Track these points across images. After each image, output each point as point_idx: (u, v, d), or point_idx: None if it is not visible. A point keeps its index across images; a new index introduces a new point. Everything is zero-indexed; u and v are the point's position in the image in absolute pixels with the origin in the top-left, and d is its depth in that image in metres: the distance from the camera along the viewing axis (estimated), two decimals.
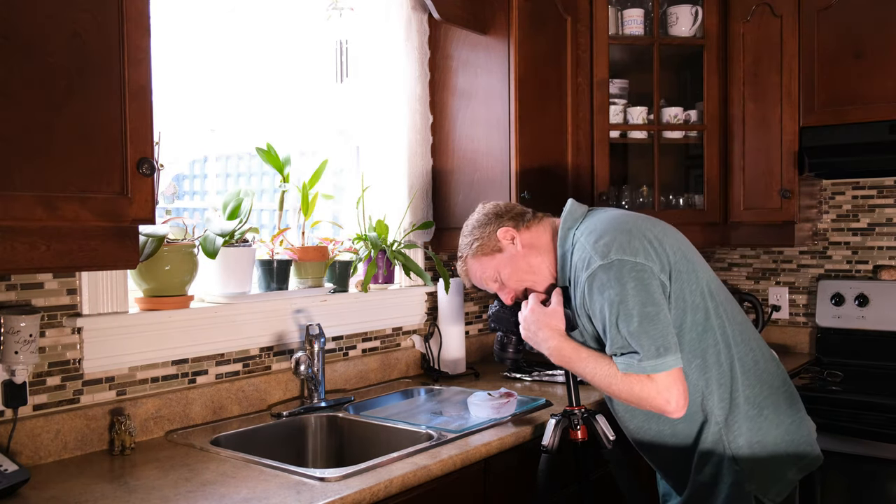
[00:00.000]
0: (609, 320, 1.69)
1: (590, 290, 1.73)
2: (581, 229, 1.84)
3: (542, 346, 1.85)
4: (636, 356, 1.66)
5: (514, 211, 1.96)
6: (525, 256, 1.91)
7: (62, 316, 1.82)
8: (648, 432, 1.88)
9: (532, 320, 1.86)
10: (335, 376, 2.47)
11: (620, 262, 1.70)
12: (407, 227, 2.64)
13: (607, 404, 1.99)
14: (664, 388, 1.65)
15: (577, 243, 1.82)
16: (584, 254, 1.77)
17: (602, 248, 1.73)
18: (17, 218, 1.32)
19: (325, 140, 2.64)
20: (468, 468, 1.83)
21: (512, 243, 1.91)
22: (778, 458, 1.82)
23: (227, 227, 2.08)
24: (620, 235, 1.75)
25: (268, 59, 2.44)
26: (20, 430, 1.72)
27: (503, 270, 1.92)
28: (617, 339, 1.69)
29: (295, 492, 1.54)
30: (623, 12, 2.97)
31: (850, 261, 3.19)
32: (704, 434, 1.81)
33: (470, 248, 1.95)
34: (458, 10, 2.56)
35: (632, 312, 1.67)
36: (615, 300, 1.68)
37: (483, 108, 2.65)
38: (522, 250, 1.90)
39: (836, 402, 2.59)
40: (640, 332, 1.66)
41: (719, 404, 1.79)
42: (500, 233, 1.91)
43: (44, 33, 1.34)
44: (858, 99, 2.71)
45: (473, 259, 1.96)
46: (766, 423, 1.81)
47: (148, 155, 1.48)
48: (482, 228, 1.95)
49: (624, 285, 1.69)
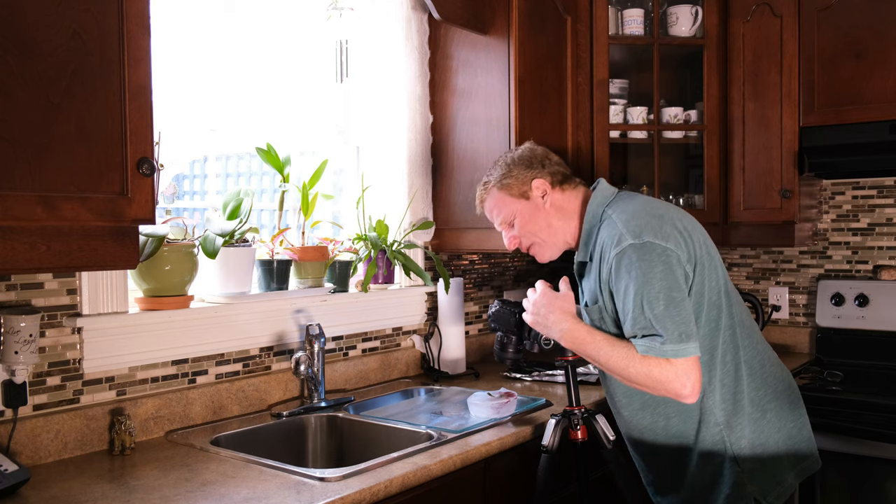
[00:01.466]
0: (634, 300, 1.68)
1: (617, 267, 1.72)
2: (613, 208, 1.84)
3: (553, 329, 1.81)
4: (658, 339, 1.65)
5: (557, 167, 1.95)
6: (547, 215, 1.91)
7: (62, 316, 1.82)
8: (641, 422, 1.87)
9: (542, 303, 1.83)
10: (335, 376, 2.47)
11: (651, 245, 1.70)
12: (407, 227, 2.64)
13: (606, 389, 1.97)
14: (682, 373, 1.64)
15: (608, 220, 1.81)
16: (614, 231, 1.76)
17: (634, 228, 1.73)
18: (17, 218, 1.32)
19: (324, 140, 2.64)
20: (468, 468, 1.83)
21: (541, 198, 1.90)
22: (779, 461, 1.82)
23: (227, 227, 2.08)
24: (653, 220, 1.75)
25: (268, 59, 2.44)
26: (20, 430, 1.72)
27: (520, 218, 1.92)
28: (640, 320, 1.68)
29: (295, 492, 1.54)
30: (623, 12, 2.97)
31: (850, 261, 3.19)
32: (703, 433, 1.80)
33: (499, 180, 1.94)
34: (458, 10, 2.56)
35: (658, 295, 1.67)
36: (642, 281, 1.68)
37: (483, 108, 2.65)
38: (548, 209, 1.90)
39: (836, 402, 2.59)
40: (665, 315, 1.66)
41: (721, 405, 1.79)
42: (535, 182, 1.90)
43: (44, 33, 1.34)
44: (858, 99, 2.71)
45: (497, 191, 1.94)
46: (768, 426, 1.82)
47: (148, 155, 1.48)
48: (520, 168, 1.92)
49: (652, 268, 1.69)
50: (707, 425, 1.80)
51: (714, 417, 1.79)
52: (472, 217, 2.69)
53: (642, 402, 1.85)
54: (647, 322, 1.67)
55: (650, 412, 1.85)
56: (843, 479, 2.57)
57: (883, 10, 2.67)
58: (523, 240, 1.95)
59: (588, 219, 1.88)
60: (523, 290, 3.32)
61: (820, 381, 2.80)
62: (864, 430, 2.52)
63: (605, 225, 1.82)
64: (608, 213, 1.83)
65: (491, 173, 1.98)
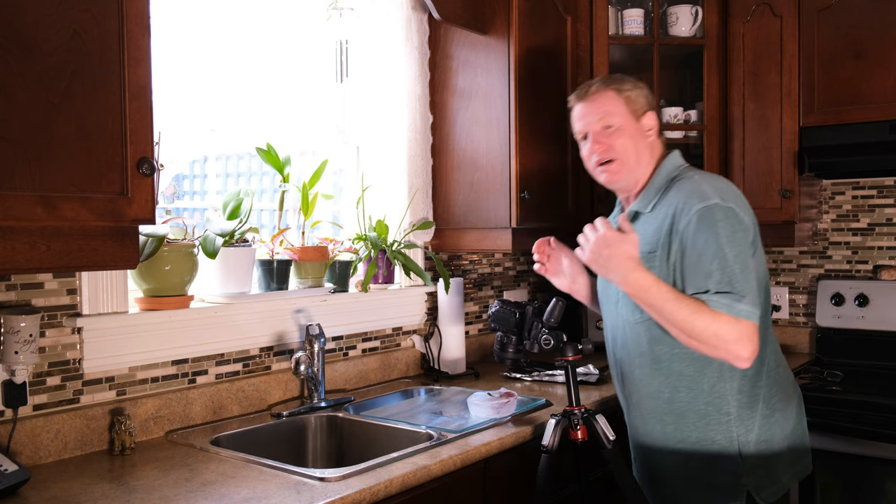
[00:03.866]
0: (715, 255, 1.69)
1: (699, 220, 1.73)
2: (693, 170, 1.88)
3: (615, 272, 1.75)
4: (734, 297, 1.66)
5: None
6: (641, 148, 1.90)
7: (62, 316, 1.82)
8: (648, 387, 1.87)
9: (605, 244, 1.75)
10: (335, 376, 2.47)
11: (734, 212, 1.74)
12: (407, 227, 2.64)
13: (616, 345, 1.96)
14: (746, 336, 1.65)
15: (687, 178, 1.84)
16: (699, 187, 1.78)
17: (720, 192, 1.77)
18: (17, 218, 1.32)
19: (324, 140, 2.64)
20: (468, 468, 1.83)
21: (647, 130, 1.92)
22: (778, 460, 1.83)
23: (227, 227, 2.08)
24: (735, 194, 1.80)
25: (268, 59, 2.44)
26: (20, 430, 1.72)
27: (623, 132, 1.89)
28: (717, 276, 1.68)
29: (295, 492, 1.54)
30: (623, 12, 2.97)
31: (850, 261, 3.19)
32: (709, 417, 1.80)
33: (623, 85, 1.92)
34: (458, 10, 2.56)
35: (738, 257, 1.70)
36: (725, 240, 1.70)
37: (483, 108, 2.65)
38: (649, 139, 1.92)
39: (836, 402, 2.59)
40: (742, 277, 1.68)
41: (736, 395, 1.79)
42: (651, 113, 1.92)
43: (44, 33, 1.34)
44: (858, 99, 2.71)
45: (615, 94, 1.91)
46: (775, 425, 1.83)
47: (148, 155, 1.48)
48: (645, 93, 1.94)
49: (735, 231, 1.72)
50: (717, 411, 1.80)
51: (726, 406, 1.79)
52: (472, 217, 2.69)
53: (656, 367, 1.84)
54: (726, 279, 1.68)
55: (660, 379, 1.85)
56: (843, 479, 2.57)
57: (883, 10, 2.67)
58: (610, 152, 1.90)
59: (662, 172, 1.89)
60: (523, 290, 3.32)
61: (820, 381, 2.79)
62: (863, 430, 2.51)
63: (683, 181, 1.84)
64: (688, 172, 1.87)
65: (616, 77, 1.94)
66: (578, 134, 1.98)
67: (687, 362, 1.81)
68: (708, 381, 1.80)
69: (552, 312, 1.98)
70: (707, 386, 1.80)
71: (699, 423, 1.82)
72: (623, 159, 1.90)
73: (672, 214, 1.78)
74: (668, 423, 1.86)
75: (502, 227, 2.62)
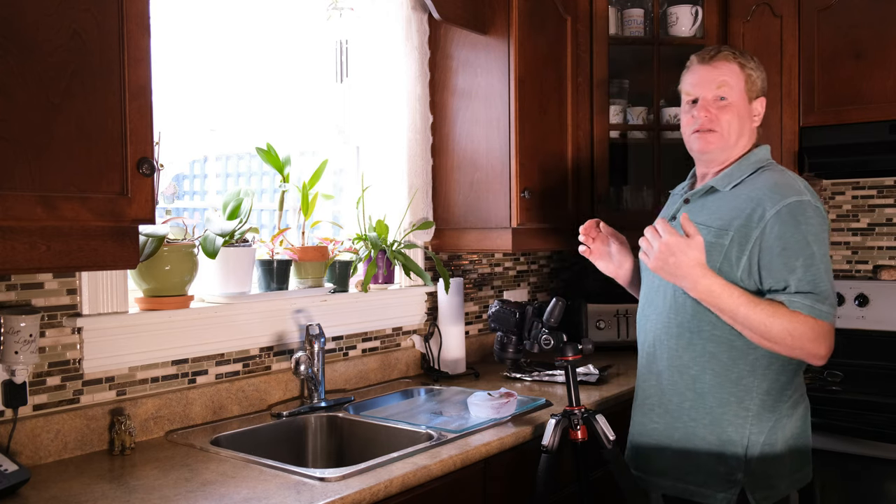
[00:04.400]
0: (802, 250, 1.69)
1: (790, 213, 1.72)
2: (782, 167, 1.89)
3: (685, 279, 1.72)
4: (815, 297, 1.67)
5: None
6: (746, 128, 1.90)
7: (62, 316, 1.82)
8: (677, 360, 1.86)
9: (671, 251, 1.70)
10: (335, 376, 2.47)
11: (822, 212, 1.77)
12: (407, 227, 2.64)
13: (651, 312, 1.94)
14: (823, 335, 1.67)
15: (777, 169, 1.86)
16: (791, 181, 1.79)
17: (810, 191, 1.78)
18: (17, 218, 1.32)
19: (324, 140, 2.64)
20: (468, 468, 1.83)
21: (756, 114, 1.92)
22: (778, 465, 1.82)
23: (227, 227, 2.08)
24: (817, 197, 1.80)
25: (268, 59, 2.44)
26: (20, 430, 1.72)
27: (735, 108, 1.88)
28: (799, 272, 1.69)
29: (295, 492, 1.54)
30: (623, 12, 2.97)
31: (850, 261, 3.19)
32: (725, 408, 1.79)
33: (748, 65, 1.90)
34: (458, 10, 2.56)
35: (824, 258, 1.72)
36: (812, 238, 1.71)
37: (483, 108, 2.65)
38: (754, 124, 1.93)
39: (836, 402, 2.59)
40: (826, 277, 1.69)
41: (762, 395, 1.79)
42: (762, 99, 1.93)
43: (44, 33, 1.34)
44: (858, 99, 2.71)
45: (740, 70, 1.89)
46: (780, 430, 1.81)
47: (148, 155, 1.48)
48: (765, 81, 1.94)
49: (823, 230, 1.74)
50: (738, 404, 1.79)
51: (748, 401, 1.79)
52: (472, 217, 2.69)
53: (692, 341, 1.83)
54: (809, 277, 1.68)
55: (692, 355, 1.83)
56: (843, 479, 2.57)
57: (883, 10, 2.67)
58: (714, 123, 1.88)
59: (752, 158, 1.89)
60: (523, 290, 3.32)
61: (820, 381, 2.79)
62: (864, 430, 2.51)
63: (773, 170, 1.85)
64: (777, 166, 1.88)
65: (745, 54, 1.93)
66: (687, 96, 1.95)
67: (724, 347, 1.79)
68: (738, 372, 1.79)
69: (552, 312, 1.98)
70: (735, 376, 1.80)
71: (717, 410, 1.81)
72: (724, 134, 1.88)
73: (758, 199, 1.77)
74: (687, 399, 1.85)
75: (502, 227, 2.62)
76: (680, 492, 1.87)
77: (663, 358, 1.89)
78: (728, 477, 1.80)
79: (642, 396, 1.98)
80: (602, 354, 2.88)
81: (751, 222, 1.76)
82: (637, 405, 2.01)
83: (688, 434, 1.85)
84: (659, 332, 1.91)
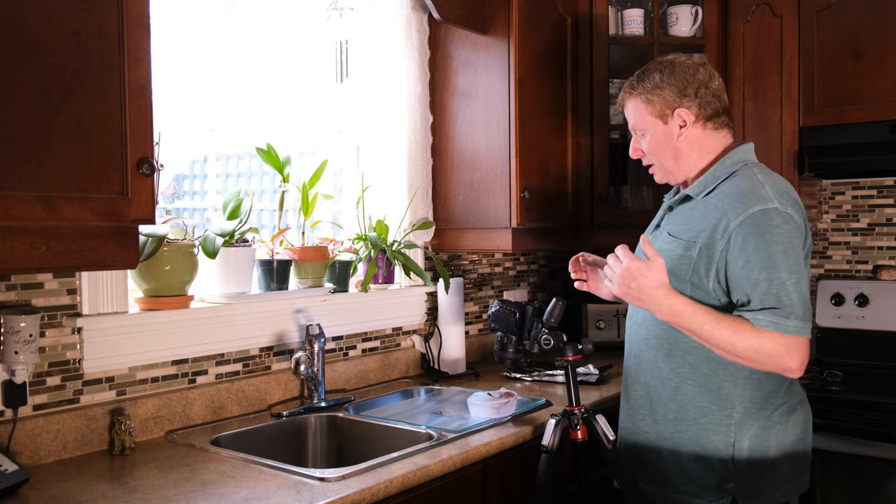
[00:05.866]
0: (766, 263, 1.63)
1: (754, 224, 1.65)
2: (758, 167, 1.80)
3: (649, 303, 1.70)
4: (780, 312, 1.61)
5: (712, 98, 1.83)
6: (678, 147, 1.84)
7: (62, 316, 1.82)
8: (658, 371, 1.84)
9: (633, 276, 1.69)
10: (335, 376, 2.47)
11: (792, 219, 1.68)
12: (407, 227, 2.64)
13: (633, 325, 1.93)
14: (794, 349, 1.61)
15: (748, 172, 1.76)
16: (757, 186, 1.71)
17: (780, 195, 1.70)
18: (17, 218, 1.32)
19: (324, 140, 2.64)
20: (468, 468, 1.83)
21: (679, 128, 1.83)
22: (772, 472, 1.79)
23: (227, 227, 2.08)
24: (794, 199, 1.73)
25: (268, 59, 2.44)
26: (20, 430, 1.72)
27: (651, 138, 1.86)
28: (763, 286, 1.62)
29: (295, 492, 1.54)
30: (623, 12, 2.97)
31: (850, 261, 3.19)
32: (710, 416, 1.78)
33: (647, 90, 1.85)
34: (458, 10, 2.56)
35: (793, 267, 1.63)
36: (777, 249, 1.63)
37: (483, 108, 2.65)
38: (681, 142, 1.84)
39: (836, 402, 2.59)
40: (795, 289, 1.62)
41: (745, 403, 1.76)
42: (678, 111, 1.83)
43: (44, 33, 1.34)
44: (858, 99, 2.71)
45: (640, 101, 1.87)
46: (773, 436, 1.78)
47: (148, 155, 1.48)
48: (672, 90, 1.83)
49: (791, 238, 1.66)
50: (721, 412, 1.76)
51: (730, 409, 1.76)
52: (472, 217, 2.70)
53: (671, 353, 1.81)
54: (773, 291, 1.61)
55: (671, 366, 1.81)
56: (843, 479, 2.57)
57: (883, 10, 2.67)
58: (646, 157, 1.90)
59: (727, 162, 1.80)
60: (523, 290, 3.32)
61: (820, 381, 2.79)
62: (863, 429, 2.51)
63: (743, 175, 1.76)
64: (751, 168, 1.78)
65: (643, 76, 1.87)
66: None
67: (702, 358, 1.77)
68: (717, 381, 1.77)
69: (552, 312, 1.98)
70: (715, 386, 1.77)
71: (700, 420, 1.79)
72: (659, 165, 1.89)
73: (723, 210, 1.72)
74: (671, 411, 1.83)
75: (502, 227, 2.62)
76: (673, 502, 1.85)
77: (647, 369, 1.89)
78: (719, 486, 1.78)
79: (634, 403, 1.95)
80: (602, 354, 2.88)
81: (716, 234, 1.71)
82: (627, 410, 1.98)
83: (675, 444, 1.84)
84: (640, 344, 1.91)
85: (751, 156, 1.86)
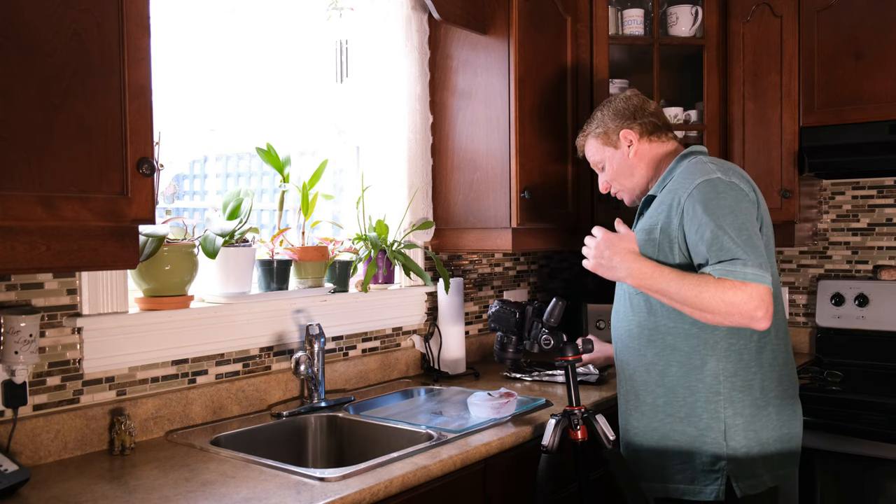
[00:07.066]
0: (716, 225, 1.72)
1: (700, 192, 1.78)
2: (709, 157, 1.94)
3: (620, 268, 1.85)
4: (738, 262, 1.67)
5: (650, 118, 2.06)
6: (632, 164, 2.05)
7: (62, 316, 1.82)
8: (643, 358, 1.92)
9: (605, 246, 1.88)
10: (335, 376, 2.47)
11: (737, 186, 1.80)
12: (407, 227, 2.64)
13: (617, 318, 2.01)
14: (757, 297, 1.66)
15: (696, 160, 1.91)
16: (702, 166, 1.85)
17: (724, 170, 1.83)
18: (17, 218, 1.32)
19: (324, 140, 2.64)
20: (468, 468, 1.83)
21: (627, 147, 2.05)
22: (762, 456, 1.85)
23: (227, 227, 2.08)
24: (741, 175, 1.86)
25: (268, 59, 2.44)
26: (20, 430, 1.72)
27: (609, 165, 2.10)
28: (718, 244, 1.71)
29: (295, 492, 1.54)
30: (623, 12, 2.97)
31: (850, 261, 3.19)
32: (699, 394, 1.83)
33: (595, 128, 2.12)
34: (458, 10, 2.56)
35: (742, 225, 1.72)
36: (727, 210, 1.73)
37: (483, 108, 2.65)
38: (633, 158, 2.05)
39: (836, 402, 2.59)
40: (747, 244, 1.70)
41: (730, 377, 1.82)
42: (623, 132, 2.05)
43: (44, 33, 1.34)
44: (858, 99, 2.71)
45: (593, 139, 2.13)
46: (766, 418, 1.85)
47: (148, 155, 1.48)
48: (614, 119, 2.07)
49: (738, 202, 1.76)
50: (707, 389, 1.83)
51: (717, 385, 1.82)
52: (471, 217, 2.69)
53: (652, 338, 1.89)
54: (730, 245, 1.69)
55: (654, 351, 1.89)
56: (844, 478, 2.57)
57: (883, 10, 2.67)
58: (612, 185, 2.12)
59: (676, 160, 1.97)
60: (523, 290, 3.32)
61: (820, 381, 2.79)
62: (863, 430, 2.52)
63: (692, 161, 1.91)
64: (701, 157, 1.93)
65: (589, 120, 2.16)
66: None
67: (682, 338, 1.86)
68: (700, 357, 1.84)
69: (552, 312, 1.98)
70: (699, 362, 1.84)
71: (689, 399, 1.86)
72: (622, 187, 2.11)
73: (674, 190, 1.86)
74: (660, 396, 1.90)
75: (502, 227, 2.62)
76: (671, 492, 1.90)
77: (632, 360, 1.96)
78: (712, 466, 1.83)
79: (623, 403, 2.04)
80: None
81: (671, 213, 1.84)
82: (619, 413, 2.06)
83: (666, 432, 1.89)
84: (623, 336, 1.99)
85: (702, 150, 2.01)
